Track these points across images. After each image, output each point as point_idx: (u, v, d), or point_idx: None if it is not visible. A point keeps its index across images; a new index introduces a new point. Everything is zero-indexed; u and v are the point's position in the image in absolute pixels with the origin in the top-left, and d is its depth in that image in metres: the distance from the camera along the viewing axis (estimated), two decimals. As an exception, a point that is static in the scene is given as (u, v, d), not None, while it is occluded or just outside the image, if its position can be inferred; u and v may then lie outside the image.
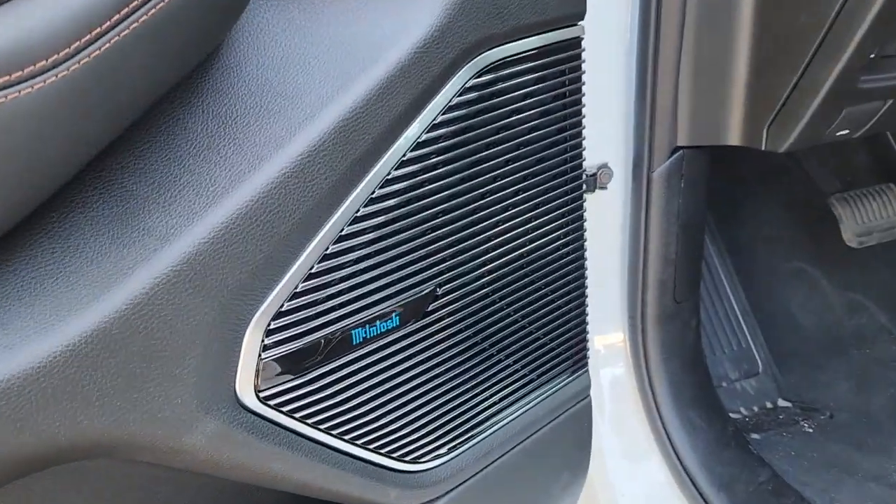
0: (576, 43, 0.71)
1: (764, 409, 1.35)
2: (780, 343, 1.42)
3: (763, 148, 0.97)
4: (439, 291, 0.66)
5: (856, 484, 1.18)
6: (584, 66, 0.74)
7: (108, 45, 0.45)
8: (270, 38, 0.59)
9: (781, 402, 1.36)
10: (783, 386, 1.39)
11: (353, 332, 0.59)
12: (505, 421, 0.76)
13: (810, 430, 1.29)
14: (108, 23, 0.45)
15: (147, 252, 0.49)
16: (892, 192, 1.43)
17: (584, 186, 0.80)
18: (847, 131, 1.00)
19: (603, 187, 1.01)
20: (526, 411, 0.78)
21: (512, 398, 0.76)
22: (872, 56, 0.89)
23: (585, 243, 0.81)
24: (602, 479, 1.11)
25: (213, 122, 0.55)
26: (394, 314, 0.62)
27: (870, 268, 1.48)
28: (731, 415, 1.28)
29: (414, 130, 0.60)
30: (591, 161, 0.95)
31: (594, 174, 0.99)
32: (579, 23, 0.71)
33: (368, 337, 0.61)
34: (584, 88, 0.75)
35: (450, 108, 0.62)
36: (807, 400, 1.37)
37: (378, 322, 0.61)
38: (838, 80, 0.89)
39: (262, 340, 0.55)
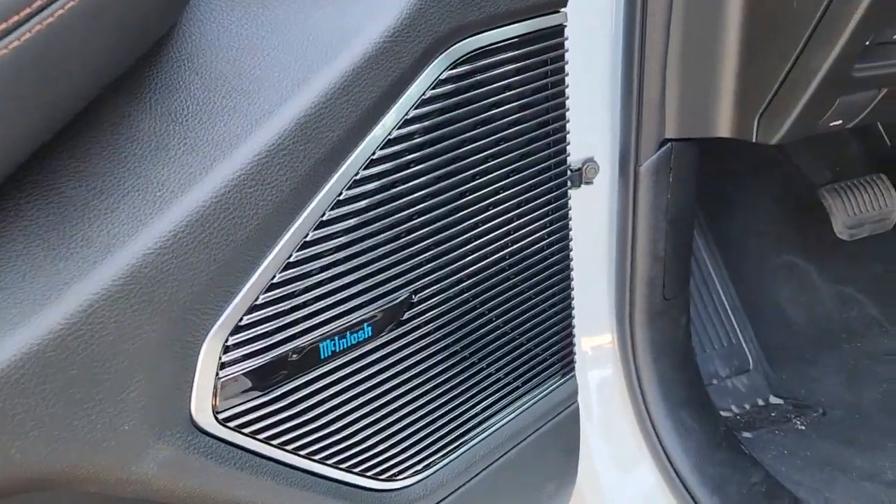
0: (558, 31, 0.67)
1: (755, 407, 1.32)
2: (770, 338, 1.39)
3: (754, 140, 0.93)
4: (415, 298, 0.61)
5: (849, 482, 1.15)
6: (567, 55, 0.70)
7: (39, 27, 0.40)
8: (224, 28, 0.54)
9: (773, 399, 1.33)
10: (774, 382, 1.36)
11: (320, 345, 0.55)
12: (488, 432, 0.72)
13: (802, 428, 1.26)
14: (40, 1, 0.40)
15: (86, 265, 0.44)
16: (884, 183, 1.40)
17: (569, 182, 0.76)
18: (840, 122, 0.97)
19: (589, 182, 0.97)
20: (510, 421, 0.74)
21: (495, 408, 0.72)
22: (868, 43, 0.85)
23: (571, 242, 0.77)
24: (591, 485, 1.08)
25: (161, 119, 0.50)
26: (365, 324, 0.58)
27: (861, 260, 1.45)
28: (722, 413, 1.25)
29: (384, 127, 0.56)
30: (575, 155, 0.91)
31: (579, 169, 0.95)
32: (562, 9, 0.67)
33: (338, 350, 0.56)
34: (567, 79, 0.71)
35: (423, 102, 0.58)
36: (798, 396, 1.34)
37: (348, 333, 0.57)
38: (832, 69, 0.85)
39: (220, 357, 0.50)
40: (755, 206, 1.43)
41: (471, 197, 0.64)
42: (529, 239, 0.71)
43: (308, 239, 0.53)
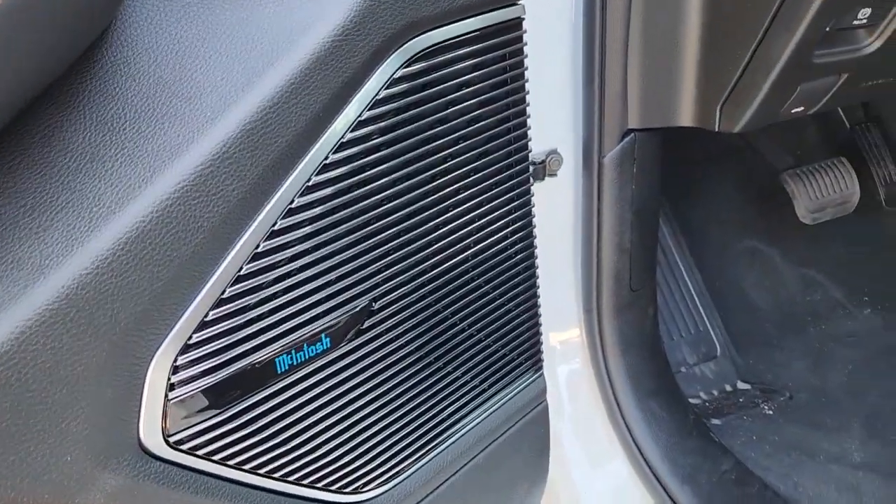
0: (516, 24, 0.65)
1: (724, 393, 1.32)
2: (737, 324, 1.39)
3: (717, 129, 0.93)
4: (375, 306, 0.59)
5: (817, 466, 1.16)
6: (526, 48, 0.68)
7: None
8: (163, 30, 0.51)
9: (741, 385, 1.34)
10: (742, 368, 1.37)
11: (276, 360, 0.53)
12: (456, 436, 0.70)
13: (770, 413, 1.27)
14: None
15: (17, 288, 0.41)
16: (844, 167, 1.41)
17: (532, 177, 0.74)
18: (802, 108, 0.96)
19: (552, 175, 0.96)
20: (479, 423, 0.72)
21: (463, 411, 0.71)
22: (827, 29, 0.84)
23: (535, 239, 0.75)
24: (564, 479, 1.07)
25: (97, 129, 0.47)
26: (323, 336, 0.56)
27: (823, 243, 1.46)
28: (691, 400, 1.26)
29: (336, 130, 0.53)
30: (539, 148, 0.90)
31: (543, 161, 0.94)
32: (519, 2, 0.65)
33: (295, 363, 0.54)
34: (527, 73, 0.69)
35: (377, 103, 0.56)
36: (765, 381, 1.35)
37: (306, 346, 0.54)
38: (793, 56, 0.84)
39: (169, 378, 0.48)
40: (719, 193, 1.43)
41: (431, 198, 0.62)
42: (493, 239, 0.70)
43: (259, 250, 0.50)
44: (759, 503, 1.06)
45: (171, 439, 0.49)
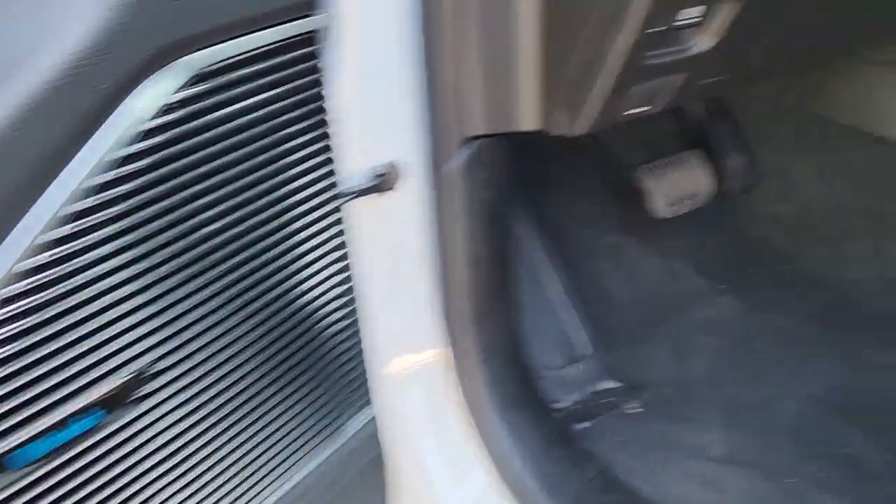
0: (308, 39, 0.58)
1: (591, 394, 1.31)
2: (602, 322, 1.39)
3: (558, 132, 0.90)
4: (155, 369, 0.51)
5: (679, 462, 1.17)
6: (357, 55, 0.62)
7: None
8: None
9: (608, 385, 1.34)
10: (608, 366, 1.36)
11: (8, 456, 0.44)
12: (275, 498, 0.63)
13: (637, 411, 1.27)
14: None
15: None
16: (697, 159, 1.44)
17: (375, 190, 0.68)
18: (647, 107, 0.95)
19: (393, 188, 0.90)
20: (302, 479, 0.66)
21: (278, 472, 0.64)
22: (660, 29, 0.82)
23: (357, 268, 0.69)
24: (429, 497, 1.03)
25: None
26: (88, 415, 0.47)
27: (681, 235, 1.48)
28: (558, 405, 1.24)
29: (81, 172, 0.44)
30: (377, 160, 0.84)
31: (382, 175, 0.88)
32: (311, 15, 0.58)
33: (37, 457, 0.45)
34: (356, 83, 0.62)
35: (147, 134, 0.48)
36: (633, 378, 1.35)
37: (59, 432, 0.46)
38: (624, 57, 0.82)
39: None
40: (576, 191, 1.42)
41: (216, 241, 0.54)
42: (300, 276, 0.63)
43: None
44: (625, 509, 1.06)
45: None
